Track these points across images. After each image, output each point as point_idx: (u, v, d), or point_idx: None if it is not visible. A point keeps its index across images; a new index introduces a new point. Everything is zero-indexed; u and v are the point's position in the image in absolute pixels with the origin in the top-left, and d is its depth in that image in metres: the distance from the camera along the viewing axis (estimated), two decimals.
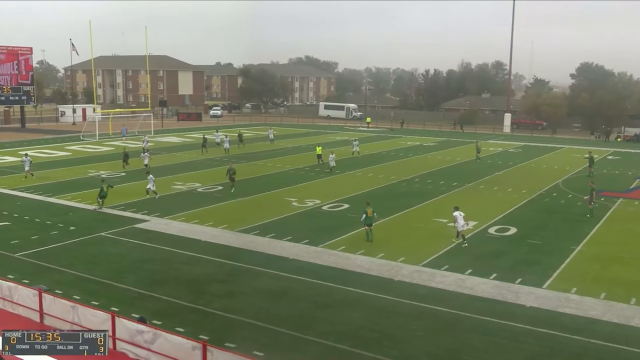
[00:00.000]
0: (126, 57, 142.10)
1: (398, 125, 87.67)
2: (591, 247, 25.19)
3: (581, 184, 39.54)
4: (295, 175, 42.09)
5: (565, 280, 20.84)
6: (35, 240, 24.85)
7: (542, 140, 71.10)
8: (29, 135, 68.09)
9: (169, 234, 26.37)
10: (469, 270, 21.67)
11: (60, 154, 52.06)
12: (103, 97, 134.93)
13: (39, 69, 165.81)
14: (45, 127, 78.51)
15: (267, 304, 18.46)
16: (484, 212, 31.07)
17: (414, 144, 64.54)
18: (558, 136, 77.71)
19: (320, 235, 25.97)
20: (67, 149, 55.60)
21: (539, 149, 62.06)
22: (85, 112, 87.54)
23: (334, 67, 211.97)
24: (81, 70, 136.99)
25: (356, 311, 18.03)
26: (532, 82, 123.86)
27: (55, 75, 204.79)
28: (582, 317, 17.79)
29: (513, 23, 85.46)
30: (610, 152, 60.13)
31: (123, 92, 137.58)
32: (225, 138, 54.69)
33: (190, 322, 16.95)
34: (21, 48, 76.93)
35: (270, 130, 64.99)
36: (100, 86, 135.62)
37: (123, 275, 20.75)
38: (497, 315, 17.80)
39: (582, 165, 46.87)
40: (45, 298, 15.96)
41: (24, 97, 77.09)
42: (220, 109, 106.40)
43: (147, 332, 13.87)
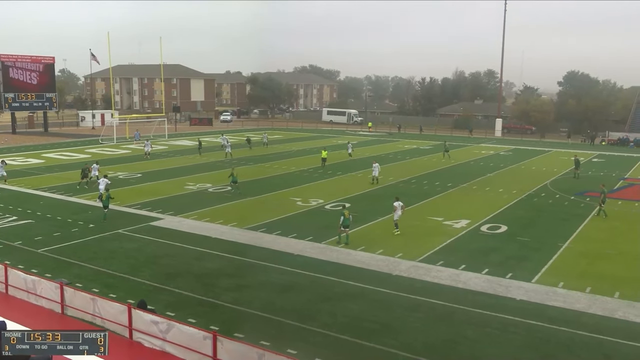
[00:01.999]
0: (142, 65, 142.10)
1: (396, 129, 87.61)
2: (578, 244, 25.12)
3: (568, 185, 39.51)
4: (300, 177, 42.06)
5: (553, 275, 20.78)
6: (57, 237, 24.89)
7: (531, 144, 70.97)
8: (52, 138, 68.21)
9: (182, 231, 26.37)
10: (462, 266, 21.63)
11: (80, 156, 52.12)
12: (120, 104, 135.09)
13: (60, 76, 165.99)
14: (67, 132, 78.62)
15: (273, 297, 18.44)
16: (477, 211, 31.01)
17: (411, 147, 64.45)
18: (546, 140, 77.56)
19: (324, 232, 25.94)
20: (87, 152, 55.67)
21: (529, 152, 61.93)
22: (104, 117, 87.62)
23: (336, 75, 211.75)
24: (100, 78, 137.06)
25: (357, 304, 18.00)
26: (522, 89, 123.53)
27: (75, 82, 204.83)
28: (569, 309, 17.73)
29: (504, 34, 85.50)
30: (595, 155, 59.97)
31: (139, 98, 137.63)
32: (227, 142, 54.07)
33: (201, 313, 16.95)
34: (44, 57, 77.05)
35: (265, 135, 65.43)
36: (118, 93, 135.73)
37: (139, 270, 20.77)
38: (489, 307, 17.75)
39: (569, 167, 46.77)
40: (66, 291, 15.97)
41: (46, 104, 77.29)
42: (229, 114, 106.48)
43: (162, 322, 13.87)
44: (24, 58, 74.35)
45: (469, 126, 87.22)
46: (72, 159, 50.11)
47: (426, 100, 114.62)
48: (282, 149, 60.41)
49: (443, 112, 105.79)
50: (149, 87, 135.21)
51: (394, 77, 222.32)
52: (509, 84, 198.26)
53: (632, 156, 60.29)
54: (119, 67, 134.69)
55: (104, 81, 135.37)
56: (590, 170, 48.39)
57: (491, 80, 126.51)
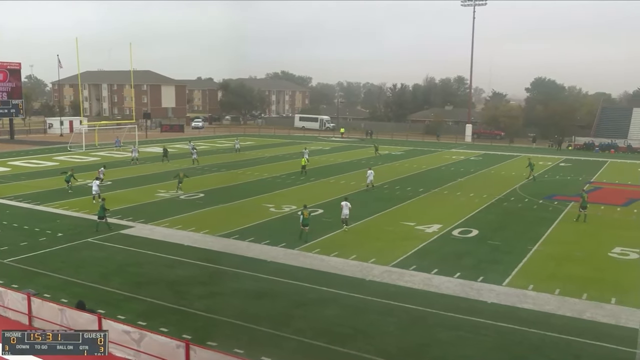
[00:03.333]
0: (111, 72, 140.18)
1: (367, 135, 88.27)
2: (547, 246, 25.58)
3: (536, 189, 40.25)
4: (273, 183, 41.94)
5: (523, 278, 21.12)
6: (24, 246, 24.32)
7: (500, 149, 72.13)
8: (18, 146, 66.73)
9: (153, 239, 26.04)
10: (435, 270, 21.82)
11: (48, 164, 51.11)
12: (89, 110, 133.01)
13: (27, 83, 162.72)
14: (34, 139, 77.04)
15: (247, 304, 18.33)
16: (448, 215, 31.36)
17: (382, 152, 64.88)
18: (515, 145, 78.95)
19: (297, 238, 25.90)
20: (54, 159, 54.61)
21: (498, 157, 62.94)
22: (72, 124, 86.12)
23: (308, 82, 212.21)
24: (68, 85, 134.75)
25: (331, 309, 18.01)
26: (491, 95, 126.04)
27: (43, 89, 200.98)
28: (538, 311, 18.04)
29: (473, 41, 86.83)
30: (562, 160, 61.27)
31: (108, 105, 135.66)
32: (194, 150, 54.25)
33: (173, 322, 16.74)
34: (10, 63, 75.43)
35: (237, 141, 65.96)
36: (87, 99, 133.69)
37: (109, 279, 20.42)
38: (462, 311, 17.95)
39: (537, 172, 47.62)
40: (34, 302, 15.59)
41: (12, 110, 75.62)
42: (201, 121, 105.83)
43: (133, 332, 13.64)
44: None
45: (438, 132, 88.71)
46: (40, 167, 49.08)
47: (397, 106, 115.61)
48: (254, 155, 60.20)
49: (414, 117, 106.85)
50: (119, 93, 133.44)
51: (365, 84, 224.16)
52: (479, 90, 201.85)
53: (597, 160, 61.81)
54: (88, 74, 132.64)
55: (72, 87, 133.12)
56: (557, 174, 49.39)
57: (461, 87, 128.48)
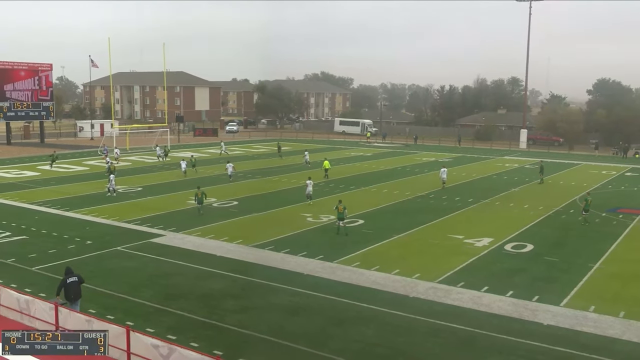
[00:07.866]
0: (144, 73, 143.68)
1: (412, 140, 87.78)
2: (610, 264, 24.83)
3: (599, 201, 39.08)
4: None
5: (583, 299, 20.54)
6: (52, 254, 25.03)
7: (559, 157, 70.55)
8: (48, 150, 68.70)
9: (185, 248, 26.44)
10: (485, 287, 21.45)
11: (78, 169, 52.60)
12: (121, 113, 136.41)
13: (58, 85, 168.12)
14: (64, 142, 79.44)
15: (282, 320, 18.38)
16: (500, 228, 30.81)
17: (429, 159, 64.32)
18: (575, 152, 77.09)
19: (335, 250, 25.88)
20: (84, 164, 56.18)
21: (556, 165, 61.48)
22: (103, 128, 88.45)
23: (349, 83, 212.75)
24: (99, 87, 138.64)
25: (371, 328, 17.88)
26: (549, 98, 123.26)
27: (74, 91, 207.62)
28: (600, 335, 17.49)
29: (529, 39, 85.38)
30: (628, 169, 59.43)
31: (140, 107, 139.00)
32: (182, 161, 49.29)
33: (204, 337, 16.92)
34: (41, 64, 78.13)
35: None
36: (118, 102, 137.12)
37: (139, 290, 20.81)
38: (514, 333, 17.56)
39: (600, 182, 46.31)
40: (61, 312, 16.01)
41: (43, 113, 78.21)
42: (236, 125, 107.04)
43: (162, 346, 13.83)
44: (20, 65, 75.48)
45: (458, 136, 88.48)
46: (69, 172, 50.53)
47: (445, 109, 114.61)
48: (290, 161, 60.52)
49: (464, 122, 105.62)
50: (151, 95, 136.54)
51: (410, 85, 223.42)
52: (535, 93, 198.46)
53: None
54: (119, 75, 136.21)
55: (104, 89, 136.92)
56: (623, 185, 47.94)
57: (515, 89, 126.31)
